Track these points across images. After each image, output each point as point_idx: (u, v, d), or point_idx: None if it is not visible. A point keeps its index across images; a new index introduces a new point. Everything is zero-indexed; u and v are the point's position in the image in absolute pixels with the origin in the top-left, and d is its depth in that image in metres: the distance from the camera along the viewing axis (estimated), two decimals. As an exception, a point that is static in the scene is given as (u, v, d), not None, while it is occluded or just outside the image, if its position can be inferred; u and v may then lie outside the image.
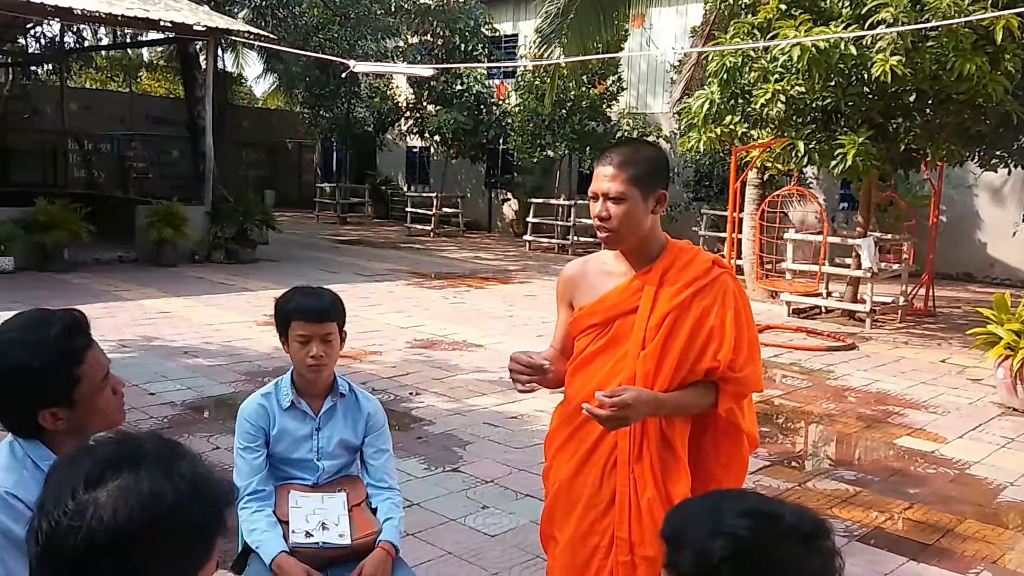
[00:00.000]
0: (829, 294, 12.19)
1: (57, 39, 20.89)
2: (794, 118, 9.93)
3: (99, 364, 1.90)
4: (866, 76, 8.92)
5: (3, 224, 12.43)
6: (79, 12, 12.72)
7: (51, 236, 12.58)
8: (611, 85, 19.21)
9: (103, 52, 27.55)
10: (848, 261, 11.94)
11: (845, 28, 8.99)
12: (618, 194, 2.41)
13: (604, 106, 19.21)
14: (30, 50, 21.95)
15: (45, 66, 24.12)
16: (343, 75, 20.42)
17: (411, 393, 6.99)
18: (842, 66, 8.94)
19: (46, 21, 18.97)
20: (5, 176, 19.61)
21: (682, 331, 2.41)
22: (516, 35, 22.99)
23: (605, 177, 2.43)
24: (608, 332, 2.51)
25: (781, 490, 5.21)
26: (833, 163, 9.48)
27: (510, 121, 20.61)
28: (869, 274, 10.99)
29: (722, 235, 15.02)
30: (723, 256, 11.67)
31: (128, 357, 7.60)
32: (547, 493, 2.65)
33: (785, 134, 10.16)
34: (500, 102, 21.57)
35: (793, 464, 5.83)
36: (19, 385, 1.81)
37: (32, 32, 21.09)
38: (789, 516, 1.36)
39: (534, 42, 13.77)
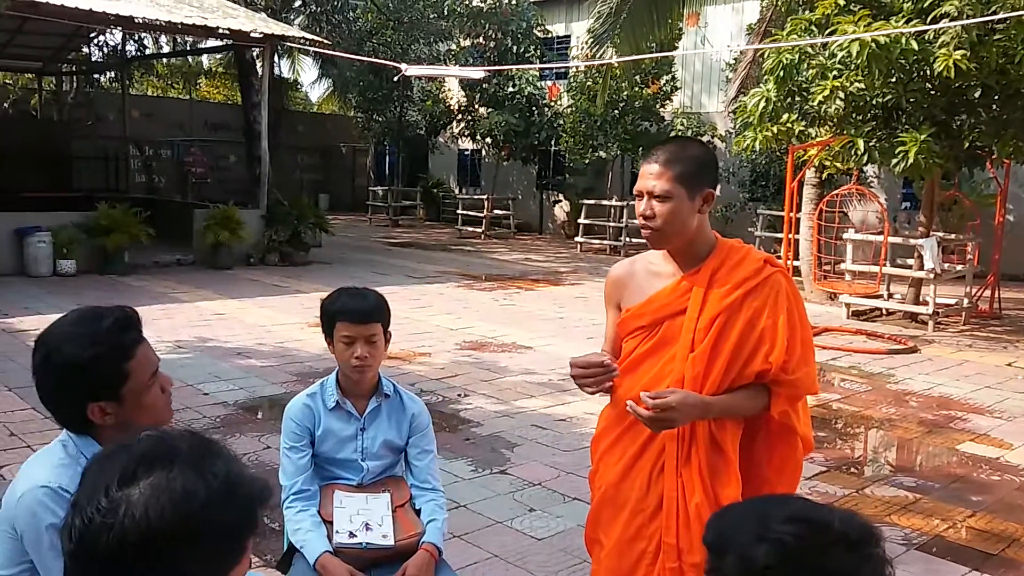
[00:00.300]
0: (890, 296, 11.93)
1: (119, 48, 21.36)
2: (853, 115, 9.74)
3: (148, 361, 1.92)
4: (928, 72, 8.71)
5: (66, 228, 12.72)
6: (140, 20, 12.98)
7: (112, 240, 12.85)
8: (665, 85, 19.07)
9: (163, 60, 28.14)
10: (910, 262, 11.65)
11: (906, 23, 8.76)
12: (663, 192, 2.36)
13: (657, 106, 19.08)
14: (94, 59, 22.48)
15: (108, 74, 24.74)
16: (395, 79, 20.56)
17: (459, 395, 6.98)
18: (903, 61, 8.73)
19: (109, 30, 19.47)
20: (69, 181, 20.09)
21: (732, 333, 2.35)
22: (568, 36, 22.95)
23: (650, 175, 2.38)
24: (656, 334, 2.46)
25: (837, 496, 5.09)
26: (894, 161, 9.26)
27: (562, 122, 20.58)
28: (932, 275, 10.70)
29: (779, 236, 14.78)
30: (779, 257, 11.48)
31: (183, 358, 7.71)
32: (593, 496, 2.61)
33: (844, 132, 9.95)
34: (552, 103, 21.54)
35: (851, 470, 5.69)
36: (70, 378, 1.84)
37: (95, 41, 21.61)
38: (838, 522, 1.30)
39: (586, 43, 13.70)
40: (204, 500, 1.17)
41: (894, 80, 9.05)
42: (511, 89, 21.37)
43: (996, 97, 9.06)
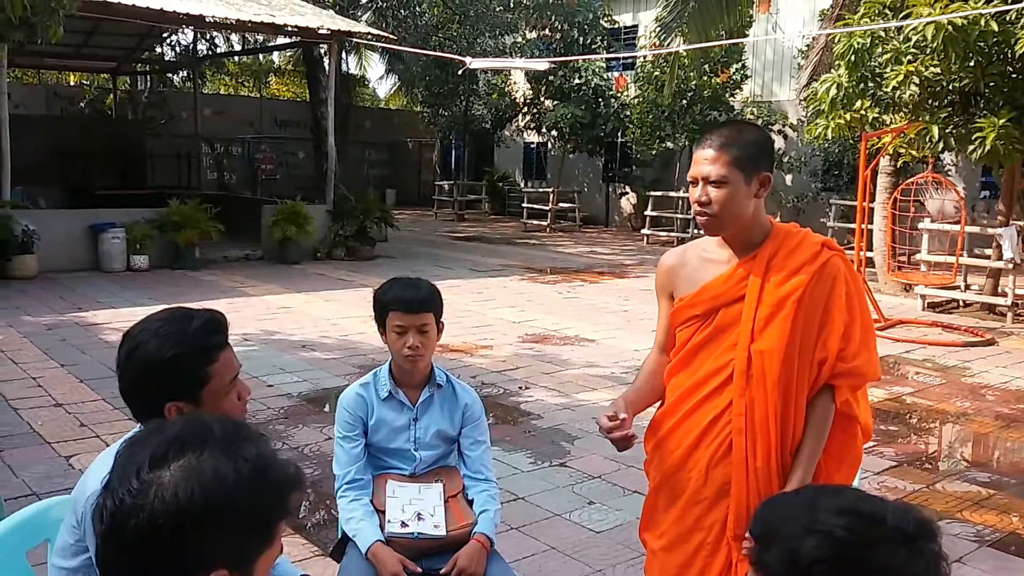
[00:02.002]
0: (967, 287, 11.60)
1: (191, 47, 21.85)
2: (929, 101, 9.44)
3: (230, 366, 1.94)
4: (1009, 54, 8.39)
5: (139, 224, 13.03)
6: (210, 19, 13.23)
7: (183, 235, 13.12)
8: (734, 73, 18.75)
9: (235, 58, 28.70)
10: (988, 252, 11.29)
11: (986, 3, 8.45)
12: (719, 177, 2.29)
13: (727, 95, 18.79)
14: (166, 58, 23.04)
15: (181, 73, 25.32)
16: (460, 72, 20.62)
17: (520, 387, 6.95)
18: (982, 44, 8.45)
19: (180, 29, 19.91)
20: (143, 179, 20.63)
21: (793, 320, 2.28)
22: (636, 26, 22.71)
23: (705, 160, 2.32)
24: (711, 323, 2.39)
25: (907, 491, 4.93)
26: (971, 148, 8.97)
27: (628, 113, 20.39)
28: (1011, 265, 10.36)
29: (852, 226, 14.41)
30: (852, 248, 11.19)
31: (250, 350, 7.83)
32: (649, 486, 2.57)
33: (919, 118, 9.65)
34: (619, 95, 21.37)
35: (924, 465, 5.51)
36: (152, 375, 1.86)
37: (168, 41, 22.16)
38: (891, 516, 1.23)
39: (654, 32, 13.56)
40: (234, 483, 1.17)
41: (972, 64, 8.75)
42: (577, 81, 21.25)
43: (1081, 80, 8.71)
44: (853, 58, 9.48)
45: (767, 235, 2.39)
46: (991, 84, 8.99)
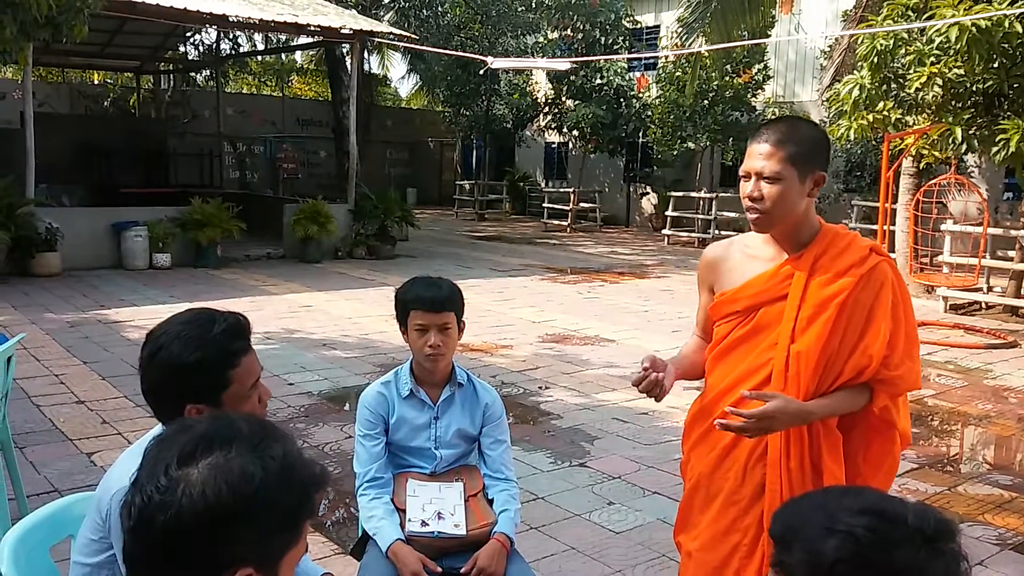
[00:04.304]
0: (990, 289, 11.52)
1: (214, 46, 21.98)
2: (952, 102, 9.37)
3: (252, 370, 1.94)
4: None
5: (162, 223, 13.13)
6: (233, 19, 13.32)
7: (205, 234, 13.21)
8: (756, 74, 18.69)
9: (257, 58, 28.83)
10: (1011, 254, 11.19)
11: (1010, 4, 8.38)
12: (773, 174, 2.25)
13: (749, 95, 18.72)
14: (190, 57, 23.17)
15: (204, 72, 25.49)
16: (481, 72, 20.64)
17: (540, 387, 6.96)
18: (1006, 45, 8.39)
19: (204, 29, 20.02)
20: (166, 177, 20.78)
21: (835, 323, 2.24)
22: (657, 26, 22.67)
23: (760, 155, 2.28)
24: (751, 320, 2.36)
25: (929, 494, 4.90)
26: (994, 150, 8.90)
27: (650, 114, 20.36)
28: (1034, 268, 10.29)
29: (874, 227, 14.32)
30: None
31: (270, 349, 7.88)
32: (685, 487, 2.54)
33: (942, 119, 9.58)
34: (640, 95, 21.33)
35: (946, 467, 5.47)
36: (173, 376, 1.86)
37: (191, 40, 22.27)
38: (912, 516, 1.23)
39: (676, 32, 13.52)
40: (261, 482, 1.17)
41: (996, 65, 8.69)
42: (599, 81, 21.24)
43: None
44: (876, 59, 9.43)
45: (815, 235, 2.35)
46: (1015, 86, 8.92)
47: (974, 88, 9.13)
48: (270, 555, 1.21)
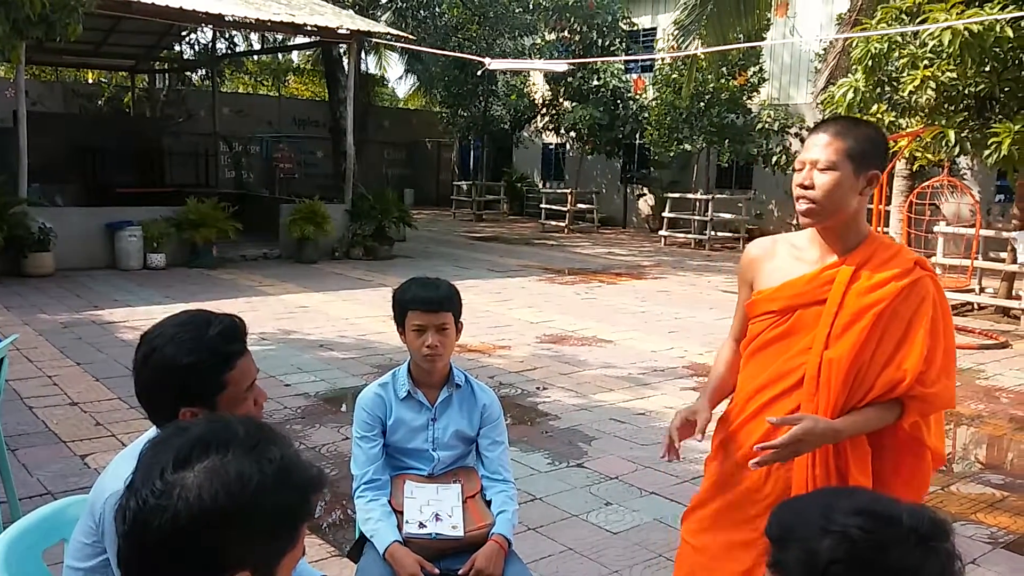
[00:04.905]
0: (982, 290, 11.59)
1: (210, 45, 21.94)
2: (945, 105, 9.44)
3: (247, 373, 1.91)
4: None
5: (157, 223, 13.08)
6: (230, 18, 13.29)
7: (201, 234, 13.18)
8: (752, 76, 18.72)
9: (254, 58, 28.79)
10: (1003, 255, 11.25)
11: (1001, 9, 8.44)
12: (828, 163, 2.23)
13: (744, 98, 18.75)
14: (185, 57, 23.13)
15: (199, 72, 25.40)
16: (479, 73, 20.65)
17: (538, 388, 6.95)
18: (997, 50, 8.47)
19: (200, 28, 19.99)
20: (161, 177, 20.70)
21: (870, 333, 2.21)
22: (654, 29, 22.71)
23: (817, 145, 2.26)
24: (786, 321, 2.34)
25: (925, 496, 4.90)
26: (987, 152, 8.99)
27: (647, 115, 20.40)
28: (1025, 269, 10.36)
29: (873, 230, 14.36)
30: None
31: (267, 350, 7.86)
32: (705, 480, 2.52)
33: (935, 122, 9.65)
34: (637, 96, 21.36)
35: (939, 467, 5.47)
36: (168, 380, 1.83)
37: (187, 39, 22.23)
38: (906, 516, 1.24)
39: (672, 35, 13.54)
40: (257, 485, 1.16)
41: (988, 69, 8.78)
42: (596, 83, 21.28)
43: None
44: (870, 62, 9.48)
45: (862, 241, 2.32)
46: (1006, 89, 8.99)
47: (966, 91, 9.19)
48: (267, 559, 1.20)
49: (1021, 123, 8.71)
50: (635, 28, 22.50)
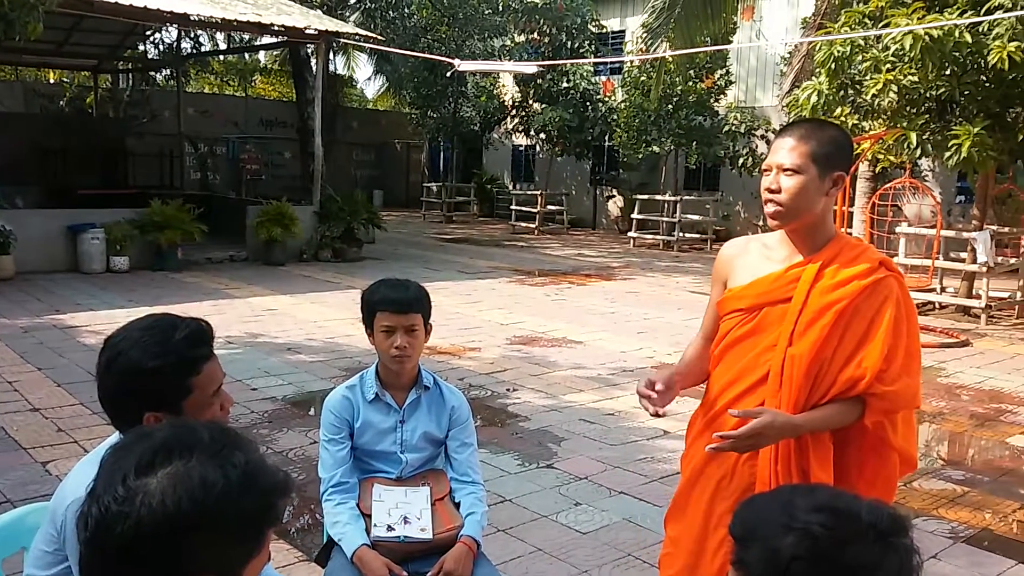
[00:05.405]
0: (943, 289, 11.82)
1: (175, 45, 21.68)
2: (906, 108, 9.59)
3: (214, 378, 1.89)
4: (982, 64, 8.59)
5: (120, 225, 12.88)
6: (195, 17, 13.16)
7: (165, 236, 12.98)
8: (719, 79, 18.87)
9: (219, 57, 28.49)
10: (963, 256, 11.45)
11: (960, 15, 8.62)
12: (795, 167, 2.28)
13: (712, 100, 18.90)
14: (149, 56, 22.80)
15: (164, 72, 25.07)
16: (448, 75, 20.62)
17: (508, 389, 6.95)
18: (957, 54, 8.64)
19: (164, 27, 19.75)
20: (125, 179, 20.41)
21: (831, 330, 2.26)
22: (623, 31, 22.82)
23: (783, 149, 2.31)
24: (753, 319, 2.39)
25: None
26: (947, 154, 9.16)
27: (615, 117, 20.48)
28: (985, 269, 10.59)
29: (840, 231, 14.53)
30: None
31: (233, 353, 7.79)
32: (682, 478, 2.57)
33: (897, 125, 9.80)
34: (606, 99, 21.44)
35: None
36: (132, 385, 1.81)
37: (151, 39, 21.93)
38: (866, 512, 1.26)
39: (641, 37, 13.61)
40: (222, 490, 1.15)
41: (948, 73, 8.94)
42: (565, 84, 21.33)
43: (1050, 89, 8.90)
44: (833, 66, 9.60)
45: (829, 240, 2.38)
46: (966, 93, 9.16)
47: (928, 95, 9.34)
48: (232, 564, 1.19)
49: (980, 126, 8.88)
50: (604, 30, 22.59)
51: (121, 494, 1.13)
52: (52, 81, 26.11)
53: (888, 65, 9.07)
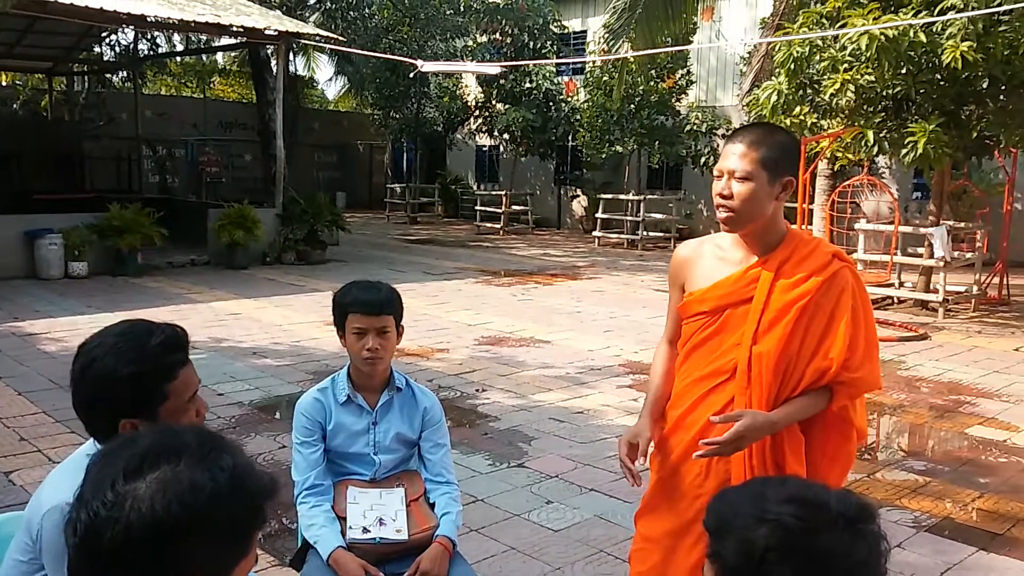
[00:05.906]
0: (901, 284, 12.04)
1: (132, 47, 21.38)
2: (864, 107, 9.74)
3: (189, 383, 1.89)
4: (937, 63, 8.76)
5: (77, 230, 12.66)
6: (152, 19, 12.97)
7: (124, 241, 12.79)
8: (680, 79, 19.02)
9: (177, 59, 28.12)
10: (921, 251, 11.68)
11: (915, 15, 8.78)
12: (745, 173, 2.33)
13: (673, 100, 19.04)
14: (105, 58, 22.45)
15: (120, 74, 24.65)
16: (411, 75, 20.56)
17: (477, 390, 6.96)
18: (912, 54, 8.78)
19: (121, 29, 19.48)
20: (81, 183, 20.04)
21: (795, 326, 2.33)
22: (585, 31, 22.91)
23: (734, 155, 2.36)
24: (716, 320, 2.45)
25: (848, 481, 5.03)
26: (904, 152, 9.32)
27: (579, 117, 20.57)
28: (942, 263, 10.80)
29: (792, 227, 14.71)
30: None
31: (197, 358, 7.59)
32: (652, 476, 2.60)
33: (855, 123, 9.96)
34: (569, 99, 21.52)
35: (864, 455, 5.66)
36: (107, 391, 1.79)
37: (107, 40, 21.60)
38: (834, 501, 1.31)
39: (602, 38, 13.68)
40: (210, 494, 1.16)
41: (903, 72, 9.09)
42: (528, 85, 21.36)
43: (1003, 87, 9.11)
44: (792, 66, 9.72)
45: (782, 239, 2.44)
46: (921, 91, 9.32)
47: (884, 93, 9.50)
48: (222, 567, 1.20)
49: (935, 123, 9.05)
50: (566, 31, 22.65)
51: (110, 499, 1.14)
52: (5, 84, 25.62)
53: (845, 65, 9.21)
